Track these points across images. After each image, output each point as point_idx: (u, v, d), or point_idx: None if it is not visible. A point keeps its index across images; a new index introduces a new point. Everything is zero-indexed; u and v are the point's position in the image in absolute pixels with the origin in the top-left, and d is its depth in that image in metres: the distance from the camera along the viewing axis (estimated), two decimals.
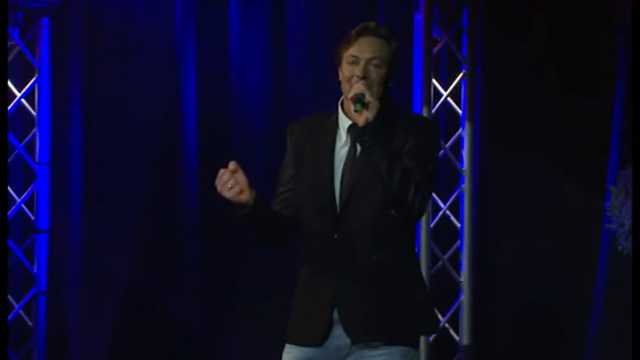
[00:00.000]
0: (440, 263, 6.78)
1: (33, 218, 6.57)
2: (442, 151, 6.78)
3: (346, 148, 3.79)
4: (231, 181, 3.67)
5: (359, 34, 3.78)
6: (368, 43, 3.77)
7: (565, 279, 6.64)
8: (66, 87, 6.66)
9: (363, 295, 3.72)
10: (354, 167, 3.75)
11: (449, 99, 6.81)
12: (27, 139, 6.59)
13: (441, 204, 6.80)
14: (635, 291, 5.03)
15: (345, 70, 3.77)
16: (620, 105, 6.44)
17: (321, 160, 3.79)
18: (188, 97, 6.74)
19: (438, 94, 6.79)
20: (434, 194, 6.70)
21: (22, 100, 6.57)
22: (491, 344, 6.84)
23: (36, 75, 6.58)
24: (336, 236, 3.73)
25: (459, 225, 6.78)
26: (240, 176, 3.69)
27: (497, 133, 6.82)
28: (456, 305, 6.78)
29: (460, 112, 6.80)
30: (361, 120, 3.65)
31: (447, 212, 6.80)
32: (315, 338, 3.76)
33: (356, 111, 3.64)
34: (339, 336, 3.75)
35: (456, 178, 6.80)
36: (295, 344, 3.80)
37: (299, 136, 3.88)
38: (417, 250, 6.63)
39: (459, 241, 6.78)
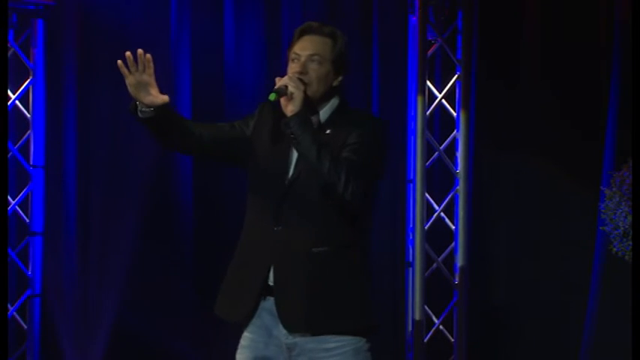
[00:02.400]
0: (434, 265, 6.78)
1: (27, 221, 6.57)
2: (436, 154, 6.79)
3: None
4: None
5: (302, 33, 3.87)
6: (309, 40, 3.85)
7: (560, 281, 6.65)
8: (60, 89, 6.66)
9: (300, 287, 3.73)
10: (294, 159, 3.80)
11: (443, 101, 6.81)
12: (21, 141, 6.59)
13: (435, 206, 6.80)
14: (635, 291, 5.03)
15: (289, 68, 3.84)
16: (615, 108, 6.45)
17: (277, 149, 3.83)
18: (183, 99, 6.74)
19: (433, 96, 6.79)
20: (428, 196, 6.72)
21: (17, 102, 6.57)
22: (486, 346, 6.85)
23: (30, 77, 6.57)
24: (275, 224, 3.76)
25: (453, 227, 6.79)
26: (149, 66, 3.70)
27: (492, 135, 6.82)
28: (450, 307, 6.78)
29: (455, 114, 6.80)
30: (287, 111, 3.71)
31: (442, 214, 6.81)
32: (236, 316, 3.82)
33: (269, 100, 3.70)
34: (286, 334, 3.77)
35: (451, 180, 6.81)
36: (226, 319, 3.85)
37: (266, 117, 3.90)
38: (406, 250, 6.65)
39: (453, 243, 6.78)
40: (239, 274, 3.84)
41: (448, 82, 6.80)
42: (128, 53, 3.67)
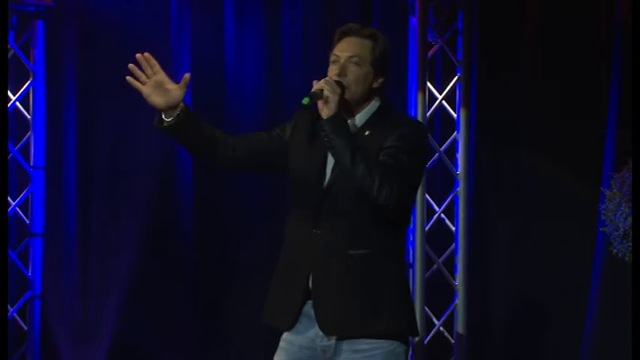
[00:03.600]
0: (435, 266, 6.78)
1: (27, 222, 6.56)
2: (437, 155, 6.79)
3: None
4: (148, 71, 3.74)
5: (342, 35, 3.85)
6: (349, 42, 3.83)
7: (560, 282, 6.65)
8: (61, 90, 6.66)
9: (336, 290, 3.74)
10: (331, 163, 3.80)
11: (444, 102, 6.81)
12: (22, 142, 6.59)
13: (435, 207, 6.80)
14: (635, 292, 5.03)
15: (329, 70, 3.85)
16: (615, 109, 6.45)
17: (314, 152, 3.83)
18: (183, 98, 6.73)
19: (433, 98, 6.79)
20: (428, 197, 6.72)
21: (17, 103, 6.57)
22: (486, 347, 6.85)
23: (30, 78, 6.57)
24: (314, 228, 3.76)
25: (453, 228, 6.79)
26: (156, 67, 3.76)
27: (492, 136, 6.82)
28: (450, 308, 6.78)
29: (455, 115, 6.80)
30: (323, 115, 3.71)
31: (442, 215, 6.81)
32: (283, 323, 3.81)
33: (303, 104, 3.69)
34: (323, 336, 3.77)
35: (451, 181, 6.81)
36: (271, 325, 3.85)
37: (304, 123, 3.91)
38: (407, 251, 6.65)
39: (453, 245, 6.78)
40: (283, 279, 3.85)
41: (448, 83, 6.81)
42: (132, 66, 3.69)
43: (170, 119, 3.79)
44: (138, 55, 3.69)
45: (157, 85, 3.76)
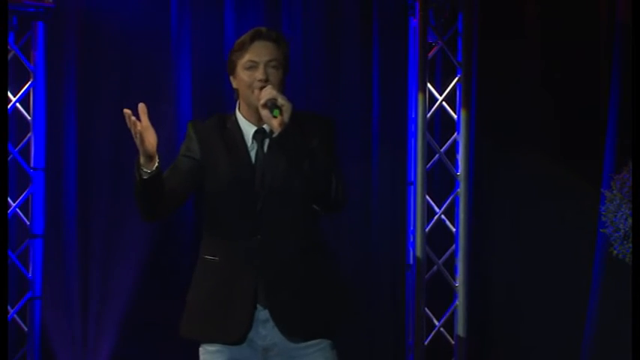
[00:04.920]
0: (435, 268, 6.78)
1: (28, 223, 6.56)
2: (437, 156, 6.79)
3: (254, 152, 3.83)
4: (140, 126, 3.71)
5: (253, 39, 3.84)
6: (264, 46, 3.83)
7: (560, 283, 6.65)
8: (61, 91, 6.65)
9: (289, 292, 3.77)
10: (267, 168, 3.79)
11: (444, 103, 6.81)
12: (22, 143, 6.58)
13: (436, 208, 6.80)
14: (635, 293, 5.03)
15: (244, 76, 3.82)
16: (615, 110, 6.45)
17: (237, 160, 3.82)
18: (184, 99, 6.74)
19: (434, 99, 6.79)
20: (428, 198, 6.72)
21: (17, 104, 6.57)
22: (487, 348, 6.84)
23: (31, 79, 6.57)
24: (256, 233, 3.77)
25: (454, 229, 6.79)
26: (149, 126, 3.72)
27: (493, 137, 6.82)
28: (451, 309, 6.78)
29: (455, 116, 6.80)
30: (277, 124, 3.68)
31: (442, 217, 6.80)
32: (236, 335, 3.78)
33: (274, 116, 3.67)
34: (265, 336, 3.79)
35: (451, 182, 6.81)
36: (214, 342, 3.81)
37: (205, 134, 3.89)
38: (407, 253, 6.65)
39: (454, 246, 6.78)
40: (217, 294, 3.81)
41: (449, 85, 6.81)
42: (128, 111, 3.68)
43: (152, 169, 3.73)
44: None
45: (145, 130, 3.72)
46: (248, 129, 3.85)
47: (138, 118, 3.69)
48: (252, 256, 3.77)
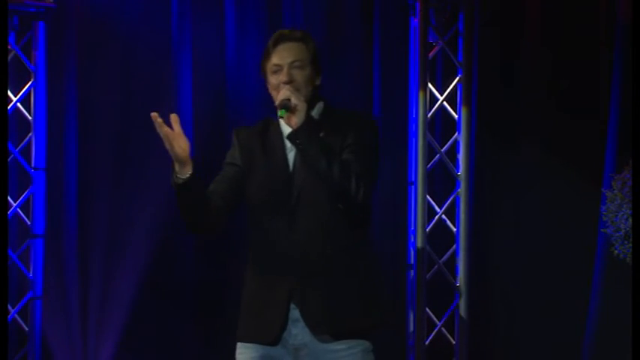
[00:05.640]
0: (436, 267, 6.78)
1: (29, 223, 6.56)
2: (438, 156, 6.79)
3: (293, 152, 3.87)
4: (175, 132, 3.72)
5: (276, 43, 3.90)
6: (286, 49, 3.88)
7: (561, 283, 6.65)
8: (62, 91, 6.66)
9: (321, 290, 3.78)
10: (302, 168, 3.82)
11: (445, 103, 6.81)
12: (23, 143, 6.59)
13: (436, 208, 6.80)
14: (636, 293, 5.03)
15: (272, 80, 3.89)
16: (616, 110, 6.45)
17: (274, 163, 3.87)
18: (184, 100, 6.74)
19: (434, 99, 6.79)
20: (429, 198, 6.72)
21: (18, 104, 6.57)
22: (488, 348, 6.84)
23: (31, 79, 6.57)
24: (291, 234, 3.80)
25: (454, 229, 6.78)
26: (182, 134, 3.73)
27: (493, 137, 6.82)
28: (452, 309, 6.78)
29: (456, 116, 6.80)
30: (292, 124, 3.74)
31: (443, 217, 6.80)
32: (270, 336, 3.82)
33: (281, 117, 3.74)
34: (296, 335, 3.81)
35: (452, 182, 6.81)
36: (250, 342, 3.85)
37: (247, 140, 3.96)
38: (408, 252, 6.65)
39: (454, 246, 6.78)
40: (258, 292, 3.87)
41: (449, 84, 6.81)
42: (155, 114, 3.67)
43: (187, 175, 3.76)
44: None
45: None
46: (285, 130, 3.88)
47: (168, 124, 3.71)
48: (287, 255, 3.81)
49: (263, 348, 3.83)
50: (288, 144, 3.86)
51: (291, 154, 3.87)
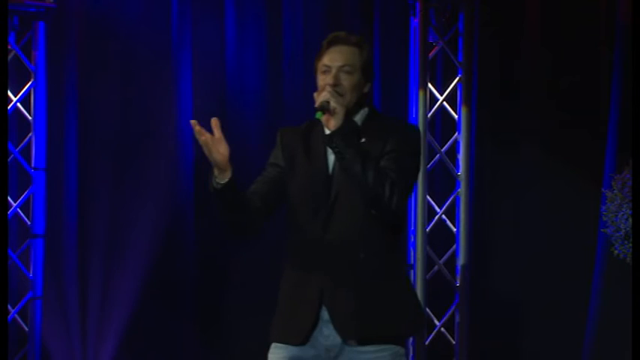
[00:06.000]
0: (436, 268, 6.78)
1: (29, 223, 6.56)
2: (438, 156, 6.79)
3: (334, 155, 3.86)
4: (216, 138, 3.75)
5: (329, 44, 3.90)
6: (338, 51, 3.87)
7: (561, 283, 6.65)
8: (62, 91, 6.66)
9: (351, 294, 3.78)
10: (341, 171, 3.82)
11: (445, 103, 6.81)
12: (23, 143, 6.59)
13: (436, 208, 6.80)
14: (636, 293, 5.03)
15: (319, 80, 3.88)
16: (616, 110, 6.45)
17: (315, 164, 3.88)
18: (184, 101, 6.74)
19: (434, 99, 6.79)
20: (429, 198, 6.72)
21: (18, 104, 6.57)
22: (488, 348, 6.84)
23: (32, 79, 6.57)
24: (326, 236, 3.80)
25: (454, 229, 6.79)
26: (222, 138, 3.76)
27: (493, 137, 6.82)
28: (452, 309, 6.78)
29: (456, 116, 6.80)
30: (330, 126, 3.74)
31: (443, 217, 6.80)
32: (300, 336, 3.82)
33: (317, 118, 3.75)
34: (327, 336, 3.81)
35: (452, 182, 6.81)
36: (281, 342, 3.85)
37: (290, 140, 3.96)
38: (408, 252, 6.65)
39: (454, 246, 6.78)
40: (293, 292, 3.87)
41: (449, 85, 6.81)
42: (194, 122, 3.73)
43: (225, 180, 3.76)
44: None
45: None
46: (327, 132, 3.86)
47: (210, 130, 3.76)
48: (320, 257, 3.81)
49: (294, 349, 3.82)
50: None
51: (331, 157, 3.86)
